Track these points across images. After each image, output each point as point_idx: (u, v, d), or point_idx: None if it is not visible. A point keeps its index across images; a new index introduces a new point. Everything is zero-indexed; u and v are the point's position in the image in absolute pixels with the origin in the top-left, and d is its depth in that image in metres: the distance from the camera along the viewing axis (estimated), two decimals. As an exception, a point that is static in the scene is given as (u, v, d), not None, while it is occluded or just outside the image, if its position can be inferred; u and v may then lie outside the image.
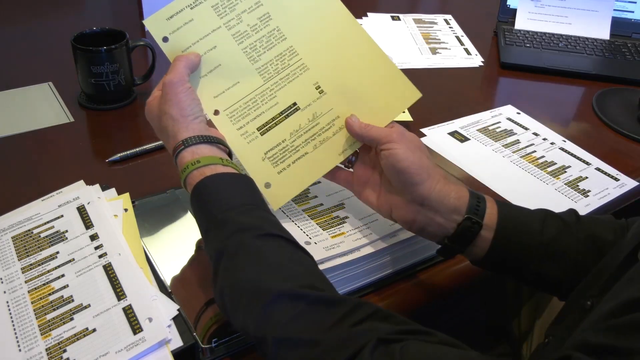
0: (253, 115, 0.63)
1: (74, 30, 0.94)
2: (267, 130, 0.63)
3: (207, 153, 0.57)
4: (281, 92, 0.64)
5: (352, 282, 0.63)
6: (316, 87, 0.65)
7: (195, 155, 0.57)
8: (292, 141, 0.64)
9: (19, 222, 0.68)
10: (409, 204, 0.59)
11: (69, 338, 0.55)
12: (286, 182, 0.63)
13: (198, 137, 0.58)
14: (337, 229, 0.63)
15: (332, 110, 0.64)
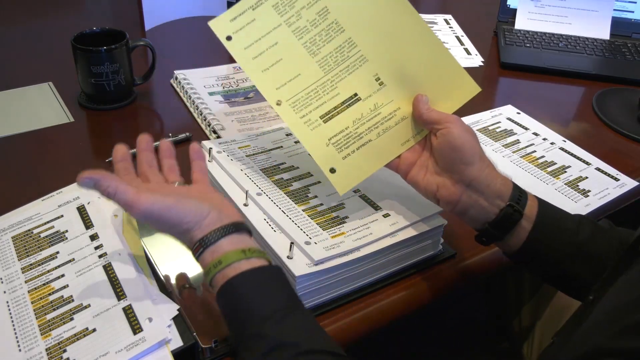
0: (315, 105, 0.65)
1: (74, 30, 0.94)
2: (329, 118, 0.65)
3: (227, 248, 0.52)
4: (342, 83, 0.65)
5: (352, 282, 0.63)
6: (376, 78, 0.66)
7: (215, 254, 0.52)
8: (355, 129, 0.65)
9: (19, 222, 0.68)
10: (455, 184, 0.60)
11: (69, 338, 0.55)
12: (351, 167, 0.64)
13: (214, 232, 0.53)
14: (337, 229, 0.63)
15: (393, 102, 0.66)
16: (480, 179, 0.59)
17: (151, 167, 0.62)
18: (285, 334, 0.49)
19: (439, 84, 0.67)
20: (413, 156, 0.64)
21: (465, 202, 0.60)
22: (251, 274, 0.51)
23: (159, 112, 0.99)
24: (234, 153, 0.73)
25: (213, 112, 0.93)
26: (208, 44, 1.23)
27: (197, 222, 0.53)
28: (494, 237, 0.62)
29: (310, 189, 0.69)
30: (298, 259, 0.59)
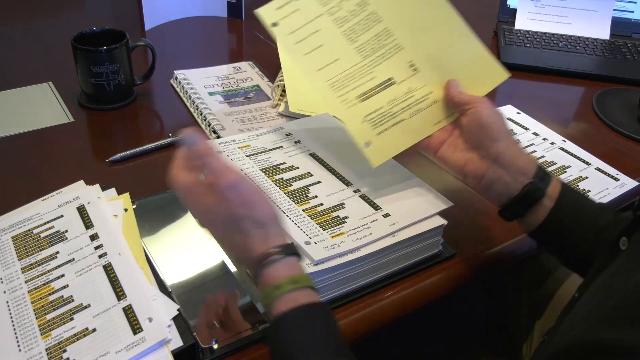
0: (352, 87, 0.69)
1: (74, 30, 0.94)
2: (365, 98, 0.69)
3: (285, 273, 0.51)
4: (378, 68, 0.70)
5: (352, 282, 0.63)
6: (410, 64, 0.70)
7: (276, 276, 0.51)
8: (390, 108, 0.69)
9: (19, 222, 0.68)
10: (482, 159, 0.64)
11: (69, 338, 0.55)
12: (385, 143, 0.69)
13: (283, 249, 0.52)
14: (337, 229, 0.63)
15: (426, 86, 0.70)
16: (506, 155, 0.63)
17: None
18: None
19: (469, 70, 0.71)
20: (443, 135, 0.69)
21: (490, 177, 0.64)
22: (301, 314, 0.50)
23: (159, 112, 0.99)
24: (234, 153, 0.73)
25: (213, 112, 0.93)
26: (208, 44, 1.23)
27: (270, 221, 0.52)
28: (517, 213, 0.65)
29: (310, 189, 0.69)
30: (298, 259, 0.59)
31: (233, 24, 1.31)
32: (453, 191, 0.82)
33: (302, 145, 0.77)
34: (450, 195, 0.70)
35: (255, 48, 1.21)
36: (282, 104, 0.96)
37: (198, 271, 0.64)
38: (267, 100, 1.00)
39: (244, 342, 0.57)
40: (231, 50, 1.26)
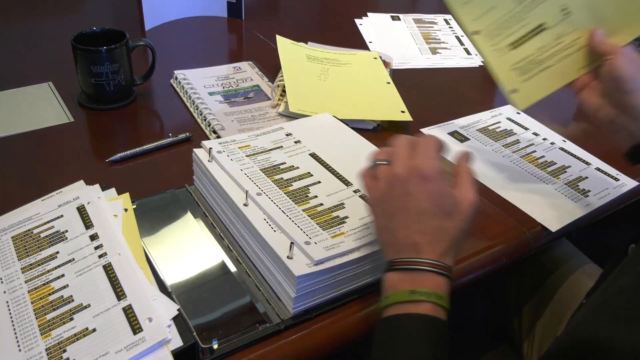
0: (505, 35, 0.74)
1: (74, 30, 0.94)
2: (516, 46, 0.74)
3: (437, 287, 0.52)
4: (531, 14, 0.73)
5: (352, 282, 0.63)
6: (562, 9, 0.72)
7: (427, 283, 0.52)
8: (537, 56, 0.74)
9: (18, 222, 0.68)
10: (613, 107, 0.69)
11: (69, 338, 0.55)
12: (531, 88, 0.74)
13: (449, 269, 0.53)
14: (337, 229, 0.63)
15: (575, 31, 0.73)
16: (636, 106, 0.67)
17: None
18: None
19: (620, 13, 0.72)
20: (588, 78, 0.73)
21: (618, 124, 0.69)
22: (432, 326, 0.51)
23: (159, 112, 0.99)
24: (234, 153, 0.73)
25: (213, 112, 0.93)
26: (208, 44, 1.23)
27: (455, 245, 0.54)
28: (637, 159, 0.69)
29: (310, 189, 0.69)
30: (298, 259, 0.59)
31: (233, 24, 1.31)
32: (453, 191, 0.81)
33: (302, 145, 0.77)
34: (450, 195, 0.70)
35: (255, 48, 1.21)
36: (282, 104, 0.96)
37: (198, 271, 0.64)
38: (267, 100, 1.00)
39: (244, 342, 0.57)
40: (231, 50, 1.26)
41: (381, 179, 0.57)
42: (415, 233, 0.54)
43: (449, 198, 0.55)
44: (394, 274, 0.54)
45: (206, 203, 0.74)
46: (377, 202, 0.58)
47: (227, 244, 0.68)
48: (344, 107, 0.96)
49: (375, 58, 1.12)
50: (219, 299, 0.61)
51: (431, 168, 0.55)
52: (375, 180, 0.58)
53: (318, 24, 1.41)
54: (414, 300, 0.51)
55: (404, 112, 0.96)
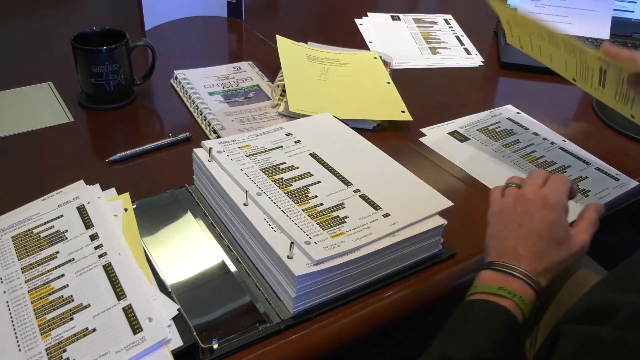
0: (589, 79, 0.76)
1: (74, 30, 0.94)
2: (603, 85, 0.74)
3: (524, 294, 0.57)
4: (589, 63, 0.73)
5: (352, 282, 0.63)
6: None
7: (516, 287, 0.57)
8: (622, 89, 0.72)
9: (18, 221, 0.68)
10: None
11: (69, 338, 0.55)
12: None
13: (540, 284, 0.58)
14: (337, 229, 0.63)
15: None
16: None
17: None
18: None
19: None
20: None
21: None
22: (506, 320, 0.54)
23: (159, 112, 0.99)
24: (234, 153, 0.73)
25: (213, 112, 0.93)
26: (208, 44, 1.23)
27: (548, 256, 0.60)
28: None
29: (310, 189, 0.69)
30: (298, 259, 0.59)
31: (233, 24, 1.31)
32: (453, 191, 0.82)
33: (302, 145, 0.77)
34: (450, 195, 0.70)
35: (255, 48, 1.21)
36: (282, 103, 0.96)
37: (198, 271, 0.64)
38: (267, 100, 1.00)
39: (244, 341, 0.57)
40: (231, 50, 1.26)
41: (508, 196, 0.65)
42: (521, 247, 0.59)
43: (563, 230, 0.61)
44: (490, 272, 0.59)
45: (206, 203, 0.74)
46: (497, 213, 0.64)
47: (227, 244, 0.68)
48: (344, 107, 0.96)
49: (375, 58, 1.12)
50: (219, 299, 0.61)
51: (557, 199, 0.62)
52: (502, 197, 0.66)
53: (318, 23, 1.41)
54: (500, 295, 0.56)
55: (404, 112, 0.96)
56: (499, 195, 0.67)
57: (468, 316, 0.56)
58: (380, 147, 0.78)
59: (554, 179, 0.65)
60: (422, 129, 0.95)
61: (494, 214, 0.65)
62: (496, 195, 0.67)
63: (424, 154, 0.90)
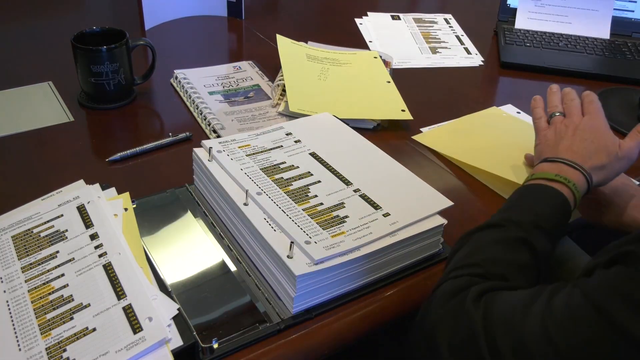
0: None
1: (74, 29, 0.94)
2: None
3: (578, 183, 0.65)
4: None
5: (352, 282, 0.63)
6: None
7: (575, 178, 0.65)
8: None
9: (18, 221, 0.68)
10: None
11: (69, 337, 0.55)
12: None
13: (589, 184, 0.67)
14: (337, 229, 0.63)
15: None
16: None
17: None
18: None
19: None
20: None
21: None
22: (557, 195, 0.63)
23: (159, 111, 0.99)
24: (234, 152, 0.73)
25: (213, 112, 0.93)
26: (208, 44, 1.23)
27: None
28: None
29: (310, 189, 0.69)
30: (298, 259, 0.59)
31: (233, 24, 1.31)
32: (453, 191, 0.82)
33: (302, 144, 0.77)
34: (450, 195, 0.70)
35: (255, 47, 1.21)
36: (282, 103, 0.96)
37: (198, 270, 0.64)
38: (267, 100, 1.00)
39: (244, 341, 0.57)
40: (231, 49, 1.26)
41: (557, 123, 0.73)
42: (576, 147, 0.68)
43: (611, 137, 0.70)
44: (546, 164, 0.68)
45: (206, 202, 0.74)
46: (550, 135, 0.73)
47: (227, 244, 0.68)
48: (344, 106, 0.96)
49: (375, 57, 1.12)
50: (219, 299, 0.61)
51: (600, 118, 0.72)
52: (550, 125, 0.75)
53: (318, 23, 1.41)
54: (557, 181, 0.64)
55: (404, 111, 0.96)
56: (545, 125, 0.76)
57: (528, 194, 0.64)
58: (381, 146, 0.78)
59: (588, 101, 0.74)
60: (422, 128, 0.95)
61: (546, 137, 0.73)
62: (543, 125, 0.76)
63: (424, 153, 0.90)
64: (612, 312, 0.43)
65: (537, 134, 0.76)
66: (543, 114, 0.77)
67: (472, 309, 0.51)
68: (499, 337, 0.48)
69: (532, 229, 0.59)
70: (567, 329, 0.45)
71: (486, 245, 0.59)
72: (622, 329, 0.42)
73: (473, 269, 0.56)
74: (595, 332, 0.43)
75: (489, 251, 0.58)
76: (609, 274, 0.46)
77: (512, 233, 0.59)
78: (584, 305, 0.45)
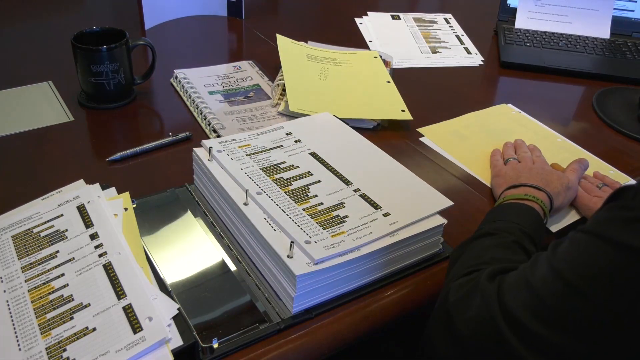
0: None
1: (74, 29, 0.94)
2: None
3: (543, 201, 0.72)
4: None
5: (352, 282, 0.63)
6: None
7: (540, 197, 0.73)
8: None
9: (18, 221, 0.68)
10: None
11: (69, 337, 0.55)
12: None
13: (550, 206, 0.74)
14: (337, 228, 0.63)
15: None
16: None
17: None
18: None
19: None
20: None
21: None
22: (529, 209, 0.70)
23: (159, 111, 0.99)
24: (234, 152, 0.73)
25: (213, 111, 0.93)
26: (208, 43, 1.23)
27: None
28: None
29: (310, 188, 0.69)
30: (298, 258, 0.59)
31: (233, 23, 1.31)
32: (453, 191, 0.82)
33: (302, 144, 0.77)
34: (450, 194, 0.70)
35: (255, 47, 1.21)
36: (282, 103, 0.96)
37: (198, 270, 0.64)
38: (267, 100, 1.00)
39: (244, 341, 0.57)
40: (231, 49, 1.26)
41: (512, 162, 0.83)
42: (534, 180, 0.76)
43: (558, 173, 0.79)
44: (512, 189, 0.75)
45: (206, 202, 0.74)
46: (506, 171, 0.81)
47: (227, 243, 0.68)
48: (344, 106, 0.96)
49: (375, 57, 1.12)
50: (219, 298, 0.61)
51: (544, 163, 0.83)
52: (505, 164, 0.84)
53: (318, 23, 1.41)
54: (527, 199, 0.71)
55: (404, 111, 0.96)
56: (502, 164, 0.84)
57: (506, 209, 0.71)
58: (381, 146, 0.78)
59: (537, 154, 0.85)
60: (422, 128, 0.95)
61: (506, 173, 0.80)
62: (500, 163, 0.85)
63: (424, 153, 0.90)
64: (611, 234, 0.45)
65: (495, 169, 0.84)
66: (500, 158, 0.86)
67: (487, 283, 0.54)
68: (511, 299, 0.50)
69: (520, 234, 0.64)
70: (573, 259, 0.47)
71: (486, 250, 0.62)
72: (621, 244, 0.44)
73: (481, 267, 0.59)
74: (599, 254, 0.45)
75: (491, 253, 0.61)
76: (604, 210, 0.48)
77: (506, 238, 0.63)
78: (586, 238, 0.48)
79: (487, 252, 0.61)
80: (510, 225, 0.65)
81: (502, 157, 0.86)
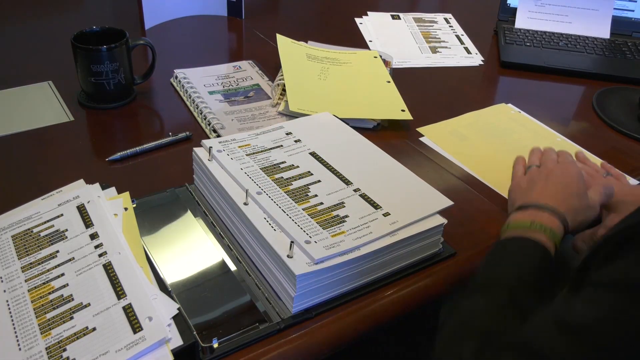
0: None
1: (74, 29, 0.94)
2: None
3: (552, 228, 0.65)
4: None
5: (352, 281, 0.63)
6: None
7: (548, 223, 0.65)
8: None
9: (18, 221, 0.68)
10: None
11: (69, 337, 0.55)
12: None
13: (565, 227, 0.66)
14: (337, 228, 0.63)
15: None
16: None
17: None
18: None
19: None
20: None
21: None
22: (537, 248, 0.62)
23: (159, 111, 0.99)
24: (234, 152, 0.73)
25: (213, 111, 0.93)
26: (208, 43, 1.23)
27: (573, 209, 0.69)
28: None
29: (310, 188, 0.69)
30: (298, 258, 0.59)
31: (233, 23, 1.31)
32: (453, 191, 0.82)
33: (302, 144, 0.77)
34: (450, 194, 0.70)
35: (255, 47, 1.21)
36: (282, 103, 0.96)
37: (198, 270, 0.64)
38: (267, 99, 1.00)
39: (244, 340, 0.57)
40: (231, 49, 1.26)
41: (532, 171, 0.74)
42: (548, 194, 0.68)
43: (582, 184, 0.70)
44: (519, 212, 0.67)
45: (206, 202, 0.74)
46: (525, 181, 0.73)
47: (227, 243, 0.68)
48: (344, 106, 0.96)
49: (375, 57, 1.12)
50: (219, 298, 0.61)
51: (573, 167, 0.73)
52: (525, 174, 0.76)
53: (318, 23, 1.41)
54: (533, 230, 0.63)
55: (404, 111, 0.96)
56: (521, 173, 0.76)
57: (506, 250, 0.63)
58: (380, 146, 0.78)
59: (563, 154, 0.77)
60: (422, 127, 0.95)
61: (519, 184, 0.74)
62: (519, 173, 0.77)
63: (424, 152, 0.90)
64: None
65: (512, 182, 0.77)
66: (522, 167, 0.78)
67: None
68: None
69: (517, 286, 0.57)
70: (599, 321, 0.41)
71: (475, 317, 0.56)
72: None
73: (465, 342, 0.53)
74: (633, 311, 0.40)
75: (479, 321, 0.55)
76: (621, 260, 0.42)
77: (498, 298, 0.56)
78: (611, 294, 0.41)
79: (474, 320, 0.55)
80: (506, 277, 0.59)
81: (523, 166, 0.78)
